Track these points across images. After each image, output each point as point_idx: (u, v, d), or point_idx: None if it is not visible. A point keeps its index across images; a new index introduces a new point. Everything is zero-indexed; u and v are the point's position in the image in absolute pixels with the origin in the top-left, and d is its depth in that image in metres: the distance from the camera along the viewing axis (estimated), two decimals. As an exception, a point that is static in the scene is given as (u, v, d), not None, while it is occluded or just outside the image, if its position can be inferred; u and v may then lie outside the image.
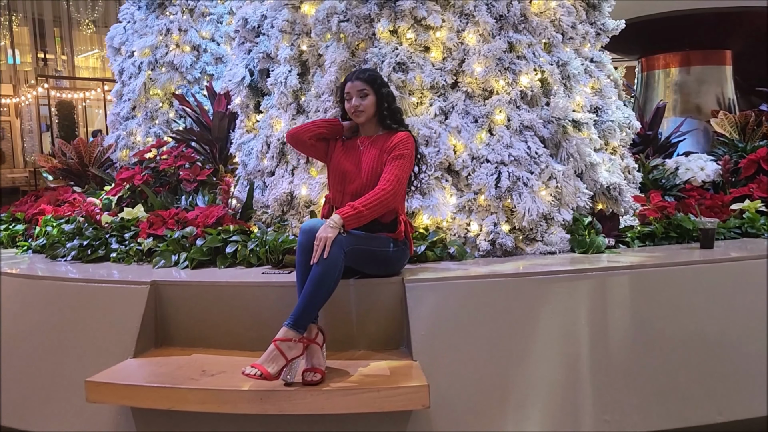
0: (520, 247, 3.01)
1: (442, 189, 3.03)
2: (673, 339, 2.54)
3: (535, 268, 2.69)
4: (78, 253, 3.28)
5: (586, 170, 3.24)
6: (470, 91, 3.09)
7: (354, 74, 2.59)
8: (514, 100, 3.09)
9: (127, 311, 2.65)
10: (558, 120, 3.11)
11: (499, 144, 2.99)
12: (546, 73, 3.15)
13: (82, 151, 4.60)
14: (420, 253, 2.86)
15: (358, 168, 2.58)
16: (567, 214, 3.08)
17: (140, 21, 4.86)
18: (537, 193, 2.98)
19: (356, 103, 2.56)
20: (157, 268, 3.00)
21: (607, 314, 2.54)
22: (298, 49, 3.28)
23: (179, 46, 4.69)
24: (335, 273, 2.25)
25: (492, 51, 3.03)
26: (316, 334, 2.31)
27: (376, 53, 3.04)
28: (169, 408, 2.29)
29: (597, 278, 2.59)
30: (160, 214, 3.33)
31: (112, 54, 5.09)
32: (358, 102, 2.56)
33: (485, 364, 2.43)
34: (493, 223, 2.95)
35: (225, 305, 2.67)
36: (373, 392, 2.17)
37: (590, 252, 2.96)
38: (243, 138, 3.54)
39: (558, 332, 2.49)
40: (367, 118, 2.59)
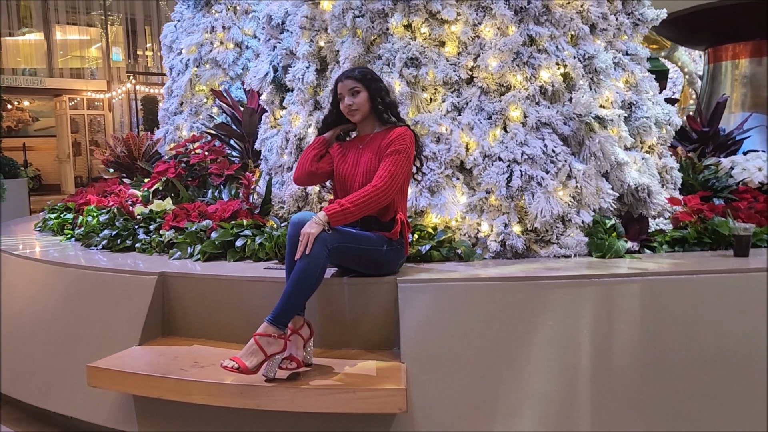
0: (533, 250, 2.89)
1: (452, 187, 2.95)
2: (687, 357, 2.34)
3: (539, 272, 2.57)
4: (108, 243, 3.44)
5: (612, 170, 3.06)
6: (485, 87, 2.99)
7: (344, 74, 2.57)
8: (533, 96, 2.96)
9: (136, 300, 2.75)
10: (580, 117, 2.95)
11: (513, 141, 2.88)
12: (569, 67, 3.00)
13: (131, 144, 4.83)
14: (425, 252, 2.80)
15: (355, 169, 2.56)
16: (586, 216, 2.92)
17: (188, 19, 5.03)
18: (552, 194, 2.85)
19: (348, 102, 2.53)
20: (173, 259, 3.10)
21: (613, 325, 2.39)
22: (316, 45, 3.28)
23: (223, 43, 4.82)
24: (316, 270, 2.24)
25: (508, 45, 2.92)
26: (301, 326, 2.31)
27: (388, 49, 3.00)
28: (158, 397, 2.37)
29: (604, 285, 2.44)
30: (185, 207, 3.43)
31: (166, 52, 5.30)
32: (351, 101, 2.53)
33: (475, 371, 2.35)
34: (503, 224, 2.85)
35: (227, 299, 2.71)
36: (349, 393, 2.15)
37: (608, 257, 2.80)
38: (266, 134, 3.60)
39: (556, 342, 2.37)
40: (362, 115, 2.56)
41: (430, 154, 2.93)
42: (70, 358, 2.78)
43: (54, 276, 3.09)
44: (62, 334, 2.90)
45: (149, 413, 2.55)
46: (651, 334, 2.37)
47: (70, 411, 2.75)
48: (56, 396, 2.81)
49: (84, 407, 2.70)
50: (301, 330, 2.32)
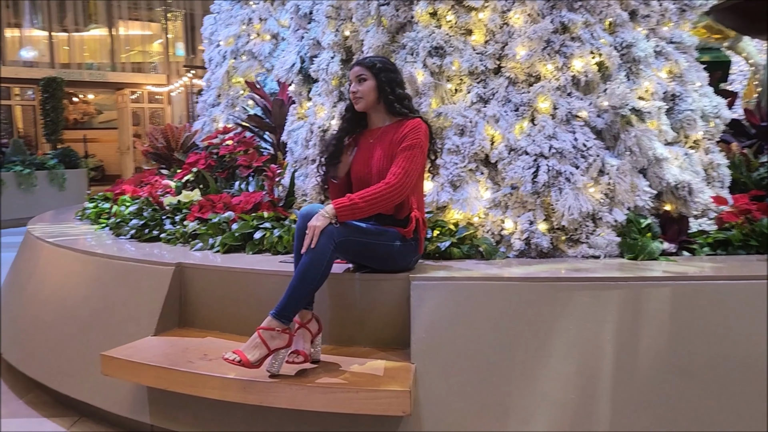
0: (560, 249, 2.74)
1: (476, 182, 2.83)
2: (715, 368, 2.15)
3: (561, 272, 2.43)
4: (136, 232, 3.48)
5: (650, 165, 2.87)
6: (513, 77, 2.85)
7: (355, 61, 2.48)
8: (563, 87, 2.80)
9: (153, 291, 2.75)
10: (614, 109, 2.78)
11: (540, 135, 2.73)
12: (604, 56, 2.82)
13: (169, 136, 4.89)
14: (444, 249, 2.69)
15: (368, 167, 2.47)
16: (620, 215, 2.75)
17: (226, 11, 5.05)
18: (581, 190, 2.69)
19: (353, 89, 2.45)
20: (194, 250, 3.09)
21: (637, 332, 2.22)
22: (342, 35, 3.21)
23: (259, 34, 4.82)
24: (322, 264, 2.17)
25: (538, 32, 2.77)
26: (309, 320, 2.26)
27: (412, 37, 2.90)
28: (165, 388, 2.35)
29: (629, 288, 2.27)
30: (211, 199, 3.43)
31: (207, 44, 5.35)
32: (356, 88, 2.44)
33: (488, 374, 2.23)
34: (528, 221, 2.71)
35: (240, 291, 2.68)
36: (352, 393, 2.08)
37: (641, 258, 2.62)
38: (293, 125, 3.55)
39: (574, 348, 2.22)
40: (366, 104, 2.46)
41: (453, 147, 2.82)
42: (91, 345, 2.81)
43: (80, 263, 3.14)
44: (85, 321, 2.94)
45: (161, 404, 2.55)
46: (679, 343, 2.19)
47: (88, 398, 2.78)
48: (76, 382, 2.84)
49: (100, 395, 2.73)
50: (308, 324, 2.26)
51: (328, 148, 2.58)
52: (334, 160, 2.55)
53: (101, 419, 2.81)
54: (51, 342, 3.06)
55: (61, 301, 3.13)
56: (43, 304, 3.27)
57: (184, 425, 2.48)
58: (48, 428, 2.81)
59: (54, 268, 3.36)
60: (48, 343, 3.08)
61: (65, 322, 3.04)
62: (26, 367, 3.16)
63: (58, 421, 2.88)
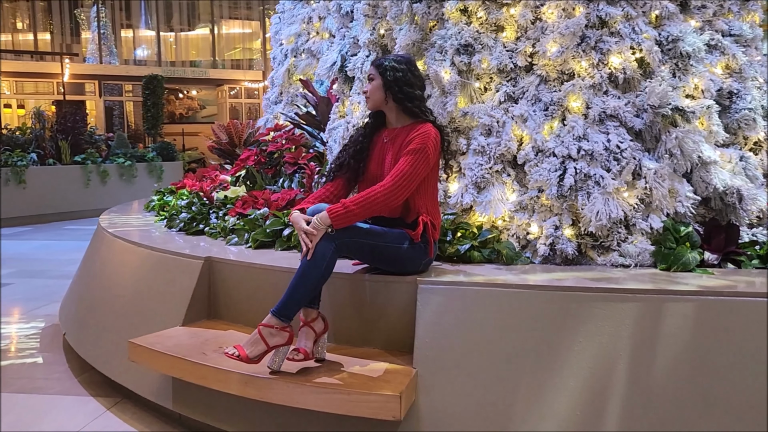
0: (589, 256, 2.60)
1: (501, 184, 2.74)
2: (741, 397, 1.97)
3: (579, 282, 2.30)
4: (184, 225, 3.64)
5: (696, 169, 2.67)
6: (545, 75, 2.73)
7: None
8: (599, 85, 2.65)
9: (184, 282, 2.88)
10: (654, 108, 2.60)
11: (569, 135, 2.60)
12: (644, 51, 2.64)
13: (232, 132, 5.08)
14: (463, 252, 2.63)
15: (381, 167, 2.45)
16: (656, 221, 2.57)
17: (289, 10, 5.16)
18: (613, 194, 2.54)
19: (364, 89, 2.43)
20: (230, 245, 3.20)
21: (651, 350, 2.06)
22: (378, 33, 3.20)
23: (318, 33, 4.89)
24: (321, 266, 2.18)
25: (570, 27, 2.63)
26: (313, 319, 2.27)
27: (441, 35, 2.84)
28: (178, 377, 2.46)
29: (649, 302, 2.12)
30: (255, 195, 3.53)
31: (274, 43, 5.50)
32: (366, 87, 2.42)
33: (492, 384, 2.16)
34: (553, 226, 2.59)
35: (263, 287, 2.75)
36: (343, 394, 2.08)
37: (674, 269, 2.44)
38: (334, 123, 3.58)
39: (583, 362, 2.10)
40: (374, 103, 2.44)
41: (479, 148, 2.74)
42: (129, 331, 2.98)
43: (128, 253, 3.33)
44: (126, 308, 3.13)
45: (183, 392, 2.65)
46: (701, 366, 2.02)
47: (124, 381, 2.95)
48: (116, 365, 3.03)
49: (134, 379, 2.89)
50: (313, 323, 2.28)
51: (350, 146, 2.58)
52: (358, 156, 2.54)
53: (139, 403, 2.97)
54: (98, 326, 3.28)
55: (110, 288, 3.34)
56: (97, 290, 3.50)
57: (200, 414, 2.58)
58: (91, 407, 3.01)
59: (108, 257, 3.59)
60: (96, 327, 3.30)
61: (111, 309, 3.24)
62: (80, 348, 3.40)
63: (101, 401, 3.07)
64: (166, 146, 12.57)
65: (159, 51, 20.98)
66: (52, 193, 10.01)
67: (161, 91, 15.20)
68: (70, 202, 10.19)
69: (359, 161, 2.52)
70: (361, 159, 2.52)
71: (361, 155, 2.52)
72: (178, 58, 21.52)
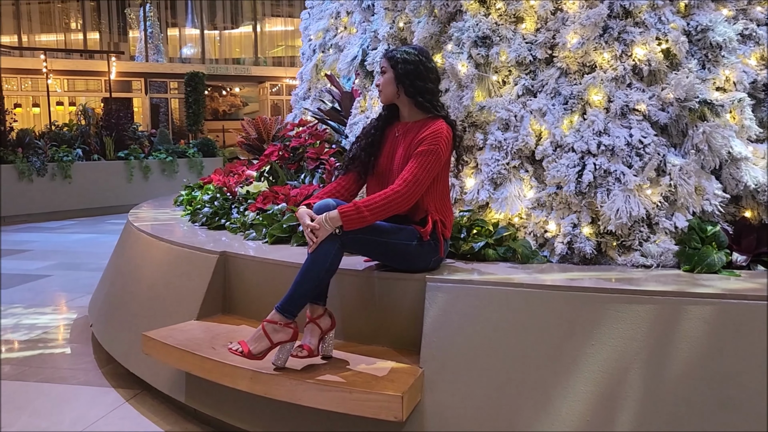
0: (609, 256, 2.50)
1: (519, 180, 2.65)
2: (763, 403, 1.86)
3: (593, 282, 2.21)
4: (207, 220, 3.67)
5: (725, 165, 2.53)
6: (565, 67, 2.63)
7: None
8: (621, 77, 2.54)
9: (199, 277, 2.89)
10: (680, 101, 2.48)
11: (589, 130, 2.50)
12: (670, 42, 2.52)
13: (261, 128, 5.10)
14: (477, 250, 2.56)
15: (391, 161, 2.40)
16: (681, 220, 2.45)
17: (318, 6, 5.15)
18: (634, 191, 2.43)
19: (377, 82, 2.38)
20: (248, 240, 3.20)
21: (667, 354, 1.97)
22: (397, 27, 3.15)
23: (346, 28, 4.86)
24: (326, 262, 2.15)
25: (592, 18, 2.53)
26: (320, 315, 2.25)
27: (459, 27, 2.77)
28: (187, 371, 2.47)
29: (667, 305, 2.01)
30: (275, 190, 3.53)
31: (303, 38, 5.50)
32: (378, 80, 2.37)
33: (500, 386, 2.09)
34: (571, 224, 2.50)
35: (275, 282, 2.73)
36: (345, 393, 2.04)
37: (698, 271, 2.32)
38: (355, 119, 3.55)
39: (595, 366, 2.01)
40: (386, 97, 2.39)
41: (496, 143, 2.67)
42: (146, 324, 3.01)
43: (150, 247, 3.38)
44: (145, 301, 3.16)
45: (196, 386, 2.67)
46: (721, 371, 1.91)
47: (141, 373, 2.98)
48: (134, 358, 3.07)
49: (150, 371, 2.92)
50: (319, 320, 2.25)
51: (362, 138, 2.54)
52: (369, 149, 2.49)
53: (158, 396, 3.00)
54: (120, 319, 3.33)
55: (132, 281, 3.39)
56: (121, 283, 3.56)
57: (211, 408, 2.59)
58: (111, 398, 3.06)
59: (133, 250, 3.65)
60: (118, 319, 3.36)
61: (131, 301, 3.29)
62: (104, 340, 3.46)
63: (121, 392, 3.12)
64: (206, 142, 12.78)
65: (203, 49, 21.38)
66: (97, 187, 10.29)
67: (202, 88, 15.47)
68: (114, 196, 10.46)
69: (370, 154, 2.47)
70: (372, 152, 2.48)
71: (372, 148, 2.48)
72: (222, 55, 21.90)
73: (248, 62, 21.74)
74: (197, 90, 15.06)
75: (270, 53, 22.59)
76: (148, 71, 20.03)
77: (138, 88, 20.11)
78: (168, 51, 22.25)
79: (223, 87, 22.02)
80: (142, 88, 20.00)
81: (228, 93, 22.69)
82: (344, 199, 2.38)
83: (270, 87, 21.13)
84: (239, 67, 21.01)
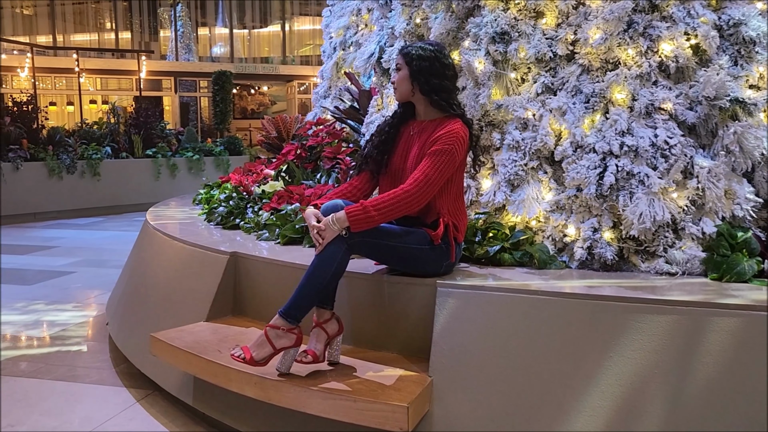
0: (631, 262, 2.38)
1: (537, 182, 2.55)
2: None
3: (618, 291, 2.09)
4: (222, 219, 3.63)
5: (758, 168, 2.39)
6: (587, 64, 2.51)
7: None
8: (647, 74, 2.42)
9: (209, 278, 2.84)
10: (709, 100, 2.34)
11: (611, 130, 2.38)
12: (699, 37, 2.39)
13: (281, 126, 5.05)
14: (493, 254, 2.46)
15: (405, 160, 2.32)
16: (709, 226, 2.32)
17: (339, 3, 5.08)
18: (659, 195, 2.31)
19: (392, 79, 2.29)
20: (261, 240, 3.15)
21: (692, 369, 1.85)
22: (414, 23, 3.06)
23: (367, 25, 4.78)
24: (331, 266, 2.08)
25: (615, 12, 2.41)
26: (326, 320, 2.18)
27: (476, 23, 2.67)
28: (193, 374, 2.42)
29: (691, 316, 1.89)
30: (291, 189, 3.48)
31: (325, 36, 5.44)
32: (393, 77, 2.29)
33: (512, 399, 2.00)
34: (592, 228, 2.38)
35: (289, 284, 2.64)
36: (350, 401, 1.97)
37: (726, 279, 2.19)
38: (372, 117, 3.47)
39: (614, 380, 1.90)
40: (401, 94, 2.30)
41: (513, 143, 2.56)
42: (157, 324, 2.98)
43: (164, 246, 3.35)
44: (157, 302, 3.14)
45: (203, 389, 2.62)
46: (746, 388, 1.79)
47: (151, 374, 2.95)
48: (144, 357, 3.04)
49: (160, 372, 2.89)
50: (326, 324, 2.18)
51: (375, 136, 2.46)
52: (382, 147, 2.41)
53: (168, 397, 2.96)
54: (133, 318, 3.31)
55: (146, 280, 3.37)
56: (135, 282, 3.54)
57: (217, 412, 2.54)
58: (122, 398, 3.04)
59: (149, 249, 3.63)
60: (131, 318, 3.34)
61: (144, 300, 3.26)
62: (118, 339, 3.45)
63: (133, 392, 3.10)
64: (233, 141, 12.84)
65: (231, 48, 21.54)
66: (125, 185, 10.41)
67: (230, 87, 15.56)
68: (141, 193, 10.56)
69: (383, 153, 2.39)
70: (385, 150, 2.40)
71: (385, 146, 2.40)
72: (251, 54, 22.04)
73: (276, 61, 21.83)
74: (224, 89, 15.15)
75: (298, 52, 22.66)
76: (177, 70, 20.26)
77: (168, 86, 20.35)
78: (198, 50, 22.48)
79: (252, 86, 22.16)
80: (171, 86, 20.23)
81: (256, 92, 22.82)
82: (355, 200, 2.30)
83: (298, 86, 21.19)
84: (267, 66, 21.12)
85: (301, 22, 22.31)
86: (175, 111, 20.22)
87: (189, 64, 20.74)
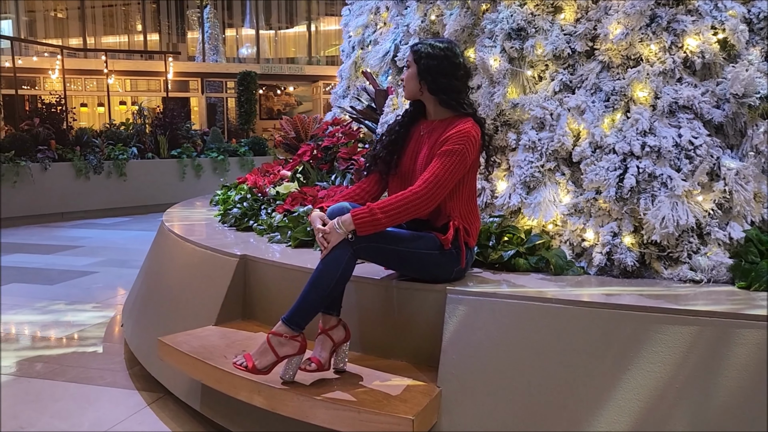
0: (653, 268, 2.27)
1: (554, 184, 2.44)
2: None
3: (639, 299, 1.99)
4: (235, 221, 3.59)
5: (790, 170, 2.26)
6: (608, 61, 2.40)
7: None
8: (671, 71, 2.30)
9: (219, 281, 2.80)
10: (738, 98, 2.22)
11: (632, 129, 2.27)
12: (727, 31, 2.26)
13: (298, 126, 5.01)
14: (507, 259, 2.36)
15: (414, 161, 2.24)
16: (737, 230, 2.20)
17: (358, 2, 5.01)
18: (682, 198, 2.19)
19: (401, 77, 2.22)
20: (272, 242, 3.10)
21: (716, 384, 1.74)
22: (429, 20, 2.98)
23: (386, 24, 4.70)
24: (336, 271, 2.01)
25: (637, 6, 2.30)
26: (332, 327, 2.11)
27: (492, 19, 2.58)
28: (198, 379, 2.38)
29: (716, 327, 1.78)
30: (304, 191, 3.42)
31: (344, 35, 5.37)
32: (404, 75, 2.21)
33: (523, 412, 1.91)
34: (611, 233, 2.27)
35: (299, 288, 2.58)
36: (353, 412, 1.90)
37: (755, 288, 2.06)
38: (387, 116, 3.40)
39: (633, 394, 1.80)
40: (409, 93, 2.22)
41: (529, 143, 2.46)
42: (167, 327, 2.95)
43: (176, 248, 3.32)
44: (169, 304, 3.11)
45: (211, 394, 2.57)
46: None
47: (161, 378, 2.92)
48: (154, 360, 3.00)
49: (169, 376, 2.85)
50: (331, 331, 2.11)
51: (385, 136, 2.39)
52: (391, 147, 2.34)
53: (179, 401, 2.93)
54: (145, 320, 3.29)
55: (159, 282, 3.35)
56: (149, 284, 3.52)
57: (223, 418, 2.49)
58: (134, 401, 3.01)
59: (163, 250, 3.61)
60: (143, 320, 3.32)
61: (157, 303, 3.24)
62: (131, 341, 3.43)
63: (144, 395, 3.07)
64: (257, 141, 12.88)
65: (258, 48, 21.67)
66: (150, 185, 10.50)
67: (255, 87, 15.61)
68: (167, 194, 10.62)
69: (392, 153, 2.32)
70: (394, 151, 2.32)
71: (395, 146, 2.32)
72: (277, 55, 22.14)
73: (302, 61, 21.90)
74: (249, 89, 15.21)
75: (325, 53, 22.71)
76: (204, 71, 20.42)
77: (195, 87, 20.53)
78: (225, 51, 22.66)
79: (278, 86, 22.24)
80: (198, 87, 20.41)
81: (282, 92, 22.90)
82: (363, 202, 2.22)
83: (323, 86, 21.21)
84: (293, 67, 21.19)
85: (327, 22, 22.35)
86: (202, 112, 20.40)
87: (216, 65, 20.90)
